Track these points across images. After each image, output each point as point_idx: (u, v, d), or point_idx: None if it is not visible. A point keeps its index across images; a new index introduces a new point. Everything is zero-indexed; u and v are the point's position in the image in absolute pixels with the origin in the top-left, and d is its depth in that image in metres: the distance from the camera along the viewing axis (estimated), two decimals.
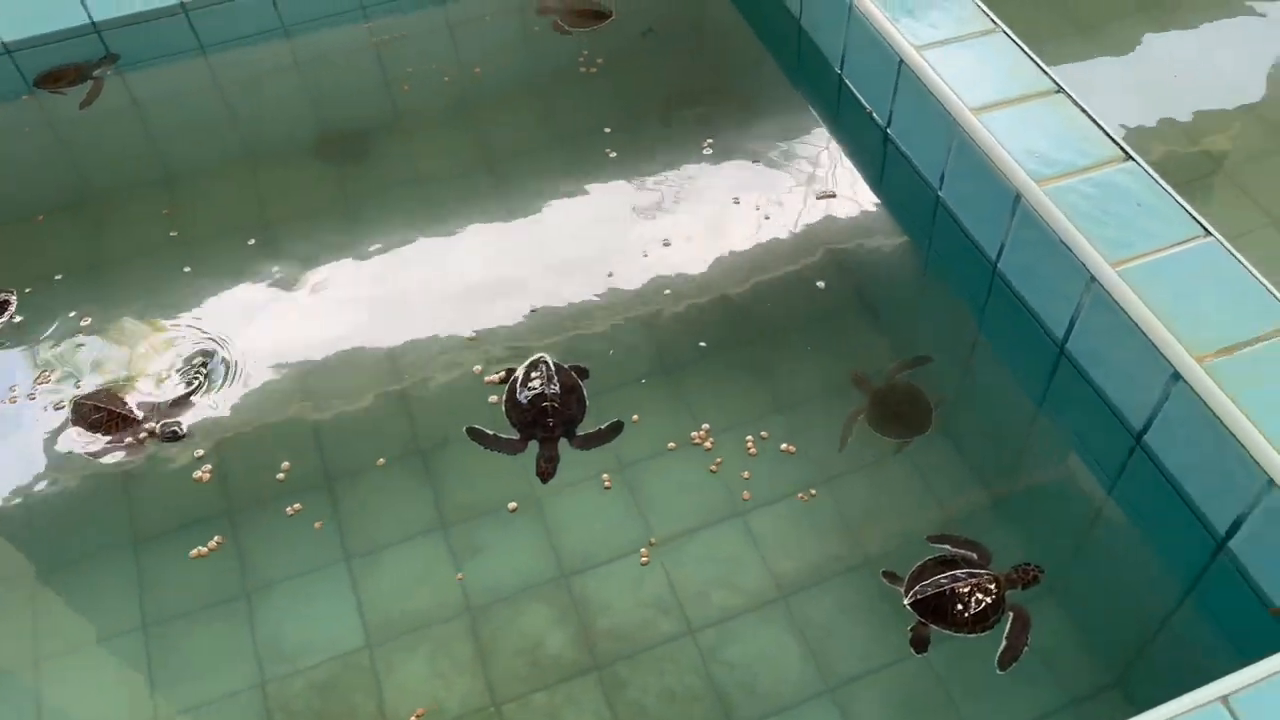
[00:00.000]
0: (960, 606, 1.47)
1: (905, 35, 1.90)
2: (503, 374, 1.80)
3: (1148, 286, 1.51)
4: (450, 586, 1.57)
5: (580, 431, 1.70)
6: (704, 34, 2.57)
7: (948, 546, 1.56)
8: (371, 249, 2.07)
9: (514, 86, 2.43)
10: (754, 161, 2.16)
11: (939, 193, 1.97)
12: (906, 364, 1.79)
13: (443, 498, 1.68)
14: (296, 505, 1.66)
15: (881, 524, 1.62)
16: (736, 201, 2.08)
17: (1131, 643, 1.48)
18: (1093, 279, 1.55)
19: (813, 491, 1.64)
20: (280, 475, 1.69)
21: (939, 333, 1.90)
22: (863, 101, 2.16)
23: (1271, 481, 1.32)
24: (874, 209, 2.08)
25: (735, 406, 1.75)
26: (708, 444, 1.69)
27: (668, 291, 1.95)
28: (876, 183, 2.12)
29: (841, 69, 2.21)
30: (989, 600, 1.48)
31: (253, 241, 2.07)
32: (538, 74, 2.46)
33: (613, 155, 2.17)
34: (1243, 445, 1.35)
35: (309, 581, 1.59)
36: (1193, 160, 2.25)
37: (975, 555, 1.54)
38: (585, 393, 1.75)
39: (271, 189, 2.22)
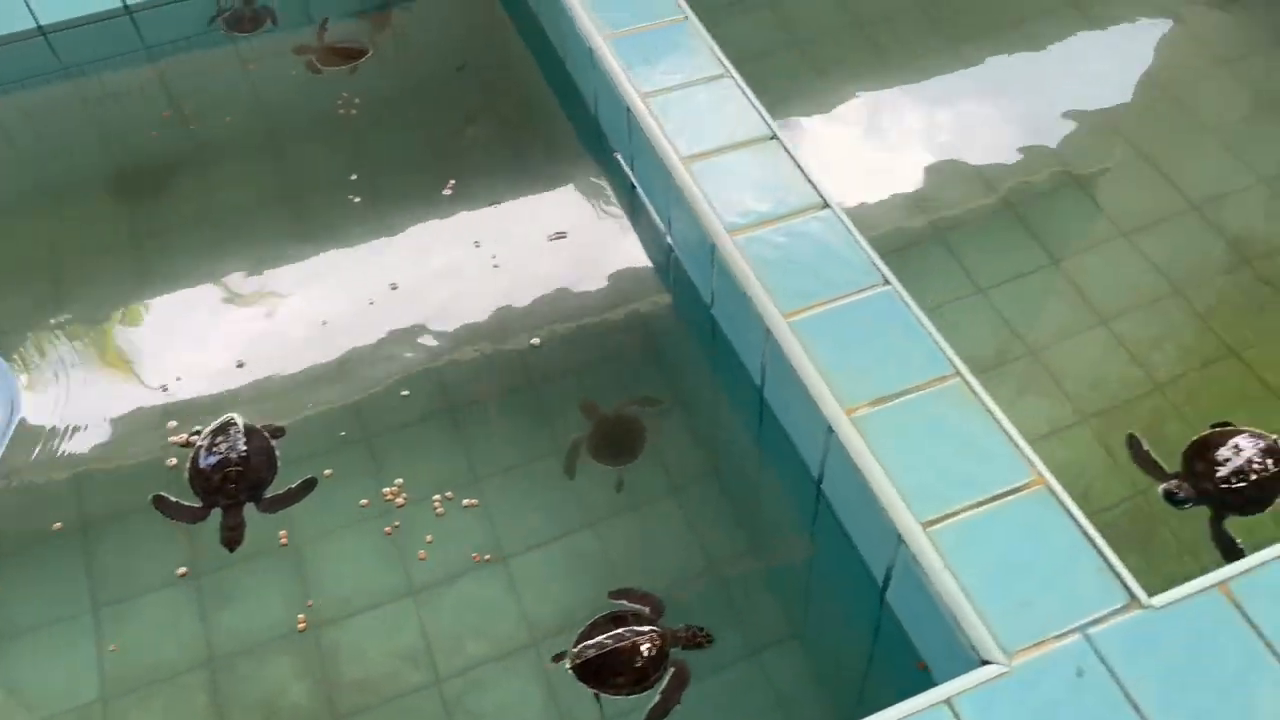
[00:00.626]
0: (620, 666, 1.48)
1: (634, 82, 1.95)
2: (185, 438, 1.81)
3: (815, 337, 1.54)
4: (192, 638, 1.56)
5: (269, 494, 1.71)
6: (480, 69, 2.60)
7: (624, 601, 1.57)
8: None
9: (262, 132, 2.45)
10: (496, 204, 2.20)
11: (668, 238, 2.04)
12: (637, 401, 1.84)
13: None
14: None
15: (573, 580, 1.65)
16: (477, 245, 2.12)
17: (790, 695, 1.51)
18: (768, 330, 1.57)
19: (487, 557, 1.66)
20: None
21: (664, 375, 1.95)
22: (612, 145, 2.22)
23: (900, 537, 1.34)
24: (609, 253, 2.12)
25: (433, 461, 1.78)
26: (400, 499, 1.71)
27: (383, 339, 1.98)
28: (615, 227, 2.17)
29: (596, 111, 2.27)
30: (650, 657, 1.50)
31: None
32: (292, 117, 2.48)
33: (356, 200, 2.20)
34: (879, 499, 1.37)
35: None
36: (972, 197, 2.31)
37: (648, 609, 1.55)
38: (277, 453, 1.77)
39: None
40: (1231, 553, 1.69)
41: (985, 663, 1.21)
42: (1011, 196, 2.36)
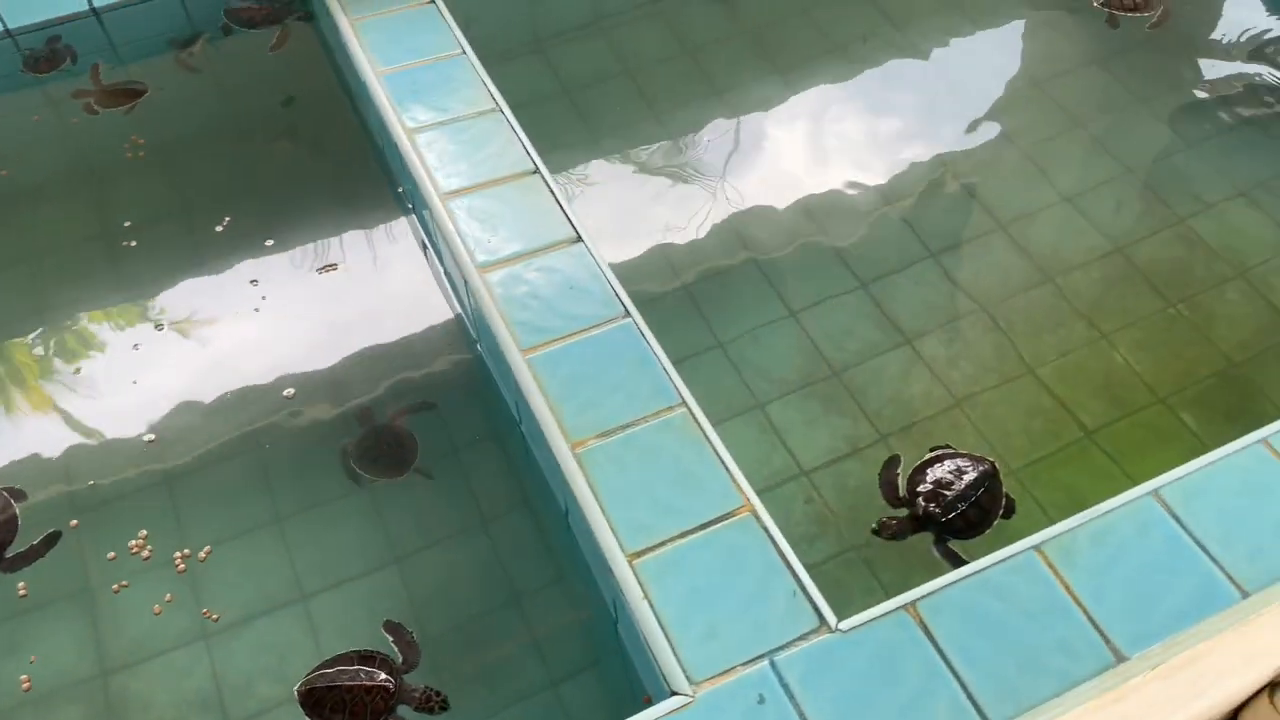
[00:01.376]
0: (343, 705, 1.49)
1: (402, 117, 2.00)
2: None
3: (550, 372, 1.58)
4: None
5: (10, 553, 1.72)
6: (279, 105, 2.60)
7: (391, 637, 1.58)
8: None
9: (35, 181, 2.42)
10: (270, 240, 2.23)
11: (442, 272, 2.09)
12: (413, 407, 1.88)
13: None
14: None
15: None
16: (253, 283, 2.15)
17: None
18: (509, 366, 1.59)
19: (215, 617, 1.68)
20: None
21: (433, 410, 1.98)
22: (396, 179, 2.27)
23: (610, 569, 1.36)
24: (382, 286, 2.15)
25: (179, 511, 1.79)
26: (145, 552, 1.71)
27: (142, 383, 2.00)
28: (391, 260, 2.20)
29: (381, 145, 2.31)
30: (375, 706, 1.53)
31: None
32: (71, 163, 2.47)
33: (131, 244, 2.22)
34: (594, 532, 1.39)
35: None
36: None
37: (402, 659, 1.55)
38: (16, 512, 1.77)
39: None
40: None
41: (675, 693, 1.23)
42: (823, 222, 2.43)
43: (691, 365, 2.19)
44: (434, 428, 1.95)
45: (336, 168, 2.42)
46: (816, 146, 2.61)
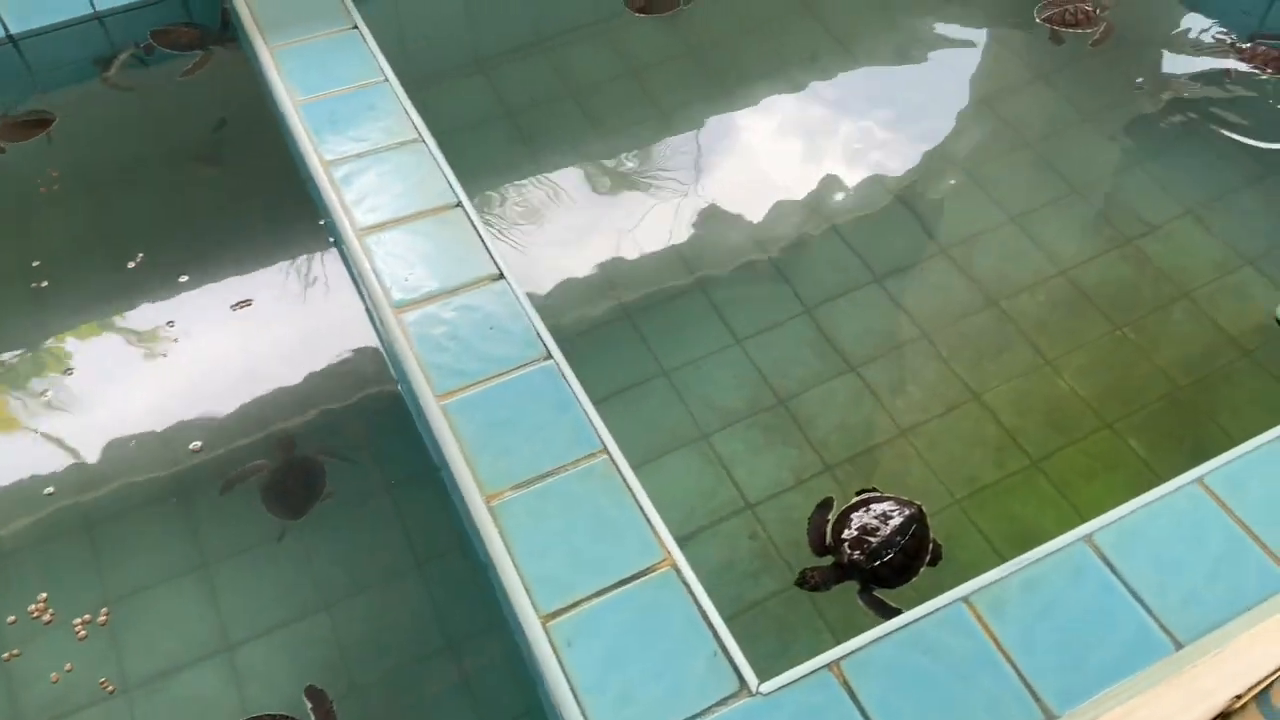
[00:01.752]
0: None
1: (320, 149, 1.94)
2: None
3: (466, 419, 1.53)
4: None
5: None
6: (207, 133, 2.50)
7: (310, 705, 1.51)
8: None
9: None
10: (184, 276, 2.14)
11: (367, 306, 2.01)
12: (330, 449, 1.82)
13: None
14: None
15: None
16: (171, 324, 2.06)
17: None
18: (423, 411, 1.53)
19: (127, 674, 1.61)
20: None
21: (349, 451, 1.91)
22: (319, 212, 2.19)
23: (523, 630, 1.30)
24: (302, 323, 2.07)
25: (85, 566, 1.70)
26: (46, 616, 1.62)
27: (39, 432, 1.91)
28: (313, 295, 2.13)
29: (304, 177, 2.23)
30: None
31: None
32: None
33: (43, 285, 2.13)
34: (508, 591, 1.33)
35: None
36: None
37: None
38: None
39: None
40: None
41: None
42: (768, 247, 2.39)
43: (636, 395, 2.14)
44: (364, 466, 1.88)
45: (260, 198, 2.34)
46: (761, 168, 2.57)
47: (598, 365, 2.25)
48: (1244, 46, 2.65)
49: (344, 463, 1.83)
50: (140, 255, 2.17)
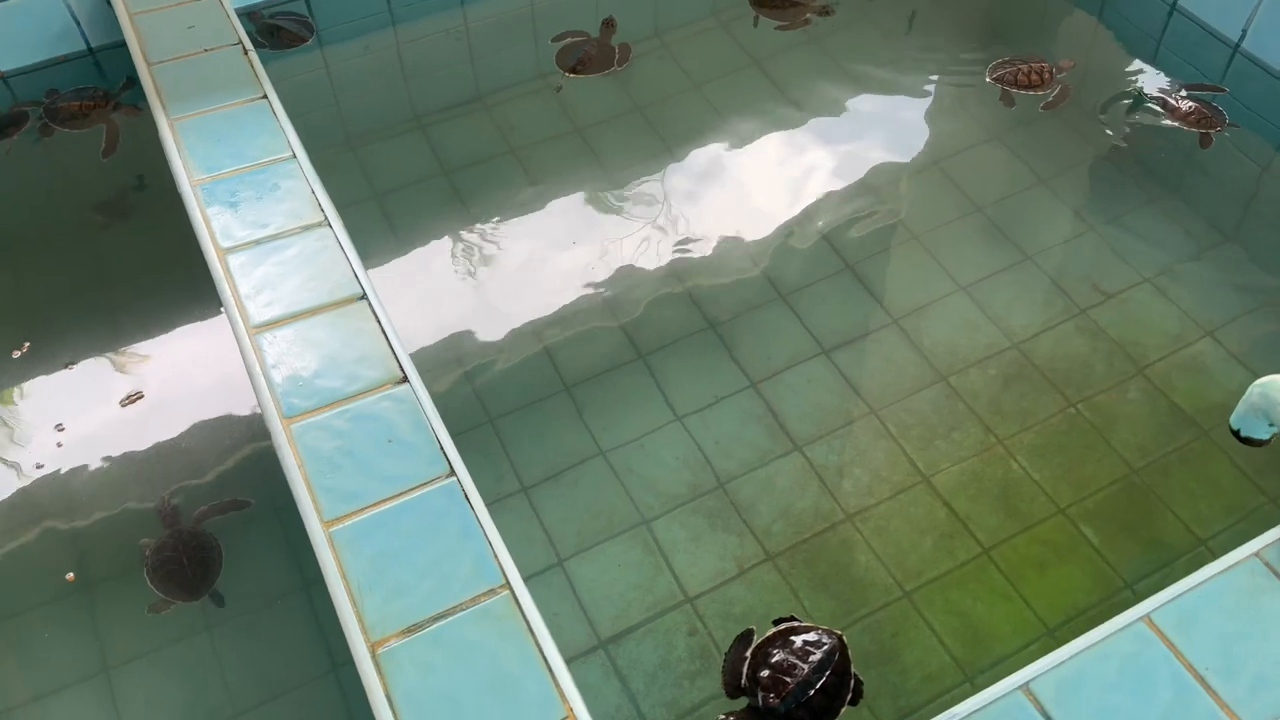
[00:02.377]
0: None
1: (216, 235, 1.80)
2: None
3: (354, 550, 1.40)
4: None
5: None
6: (107, 208, 2.40)
7: None
8: None
9: None
10: (73, 368, 2.03)
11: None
12: (221, 506, 1.71)
13: None
14: None
15: None
16: (59, 428, 1.94)
17: None
18: (311, 540, 1.41)
19: None
20: None
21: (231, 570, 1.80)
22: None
23: None
24: (195, 420, 1.97)
25: None
26: None
27: None
28: (213, 389, 2.02)
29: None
30: None
31: None
32: None
33: None
34: None
35: None
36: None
37: None
38: None
39: None
40: None
41: None
42: (713, 316, 2.28)
43: (572, 477, 2.03)
44: (273, 554, 1.76)
45: (158, 280, 2.21)
46: (704, 232, 2.45)
47: (532, 446, 2.13)
48: (1184, 106, 2.60)
49: (259, 550, 1.70)
50: (26, 344, 2.04)
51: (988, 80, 2.71)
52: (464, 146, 2.64)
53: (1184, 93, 2.59)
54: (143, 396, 1.90)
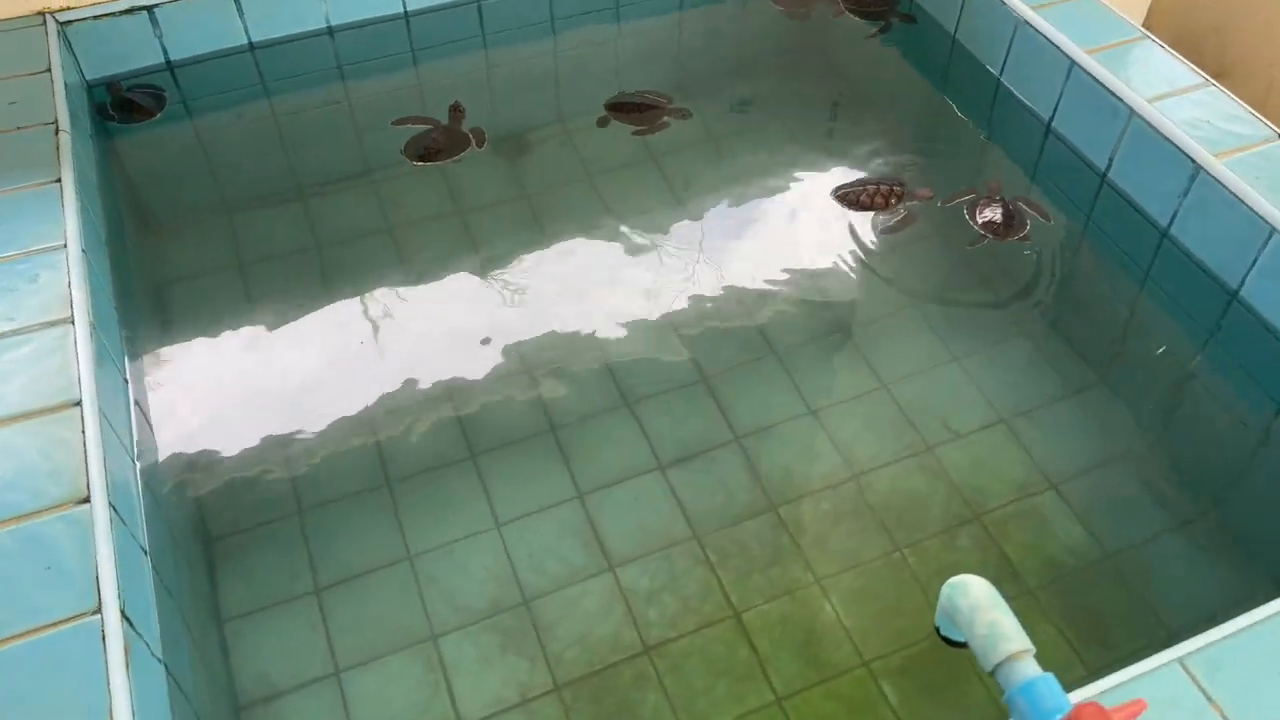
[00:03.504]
0: None
1: None
2: None
3: None
4: None
5: None
6: None
7: None
8: None
9: None
10: None
11: None
12: None
13: None
14: None
15: None
16: None
17: None
18: None
19: None
20: None
21: None
22: None
23: None
24: None
25: None
26: None
27: None
28: None
29: None
30: None
31: None
32: None
33: None
34: None
35: None
36: None
37: None
38: None
39: None
40: None
41: None
42: (553, 418, 2.23)
43: (372, 582, 1.96)
44: None
45: None
46: (544, 334, 2.40)
47: (338, 544, 2.07)
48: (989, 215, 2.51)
49: None
50: None
51: (831, 197, 2.65)
52: (318, 224, 2.62)
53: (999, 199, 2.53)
54: None
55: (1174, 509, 2.08)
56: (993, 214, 2.53)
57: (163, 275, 2.53)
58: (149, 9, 2.73)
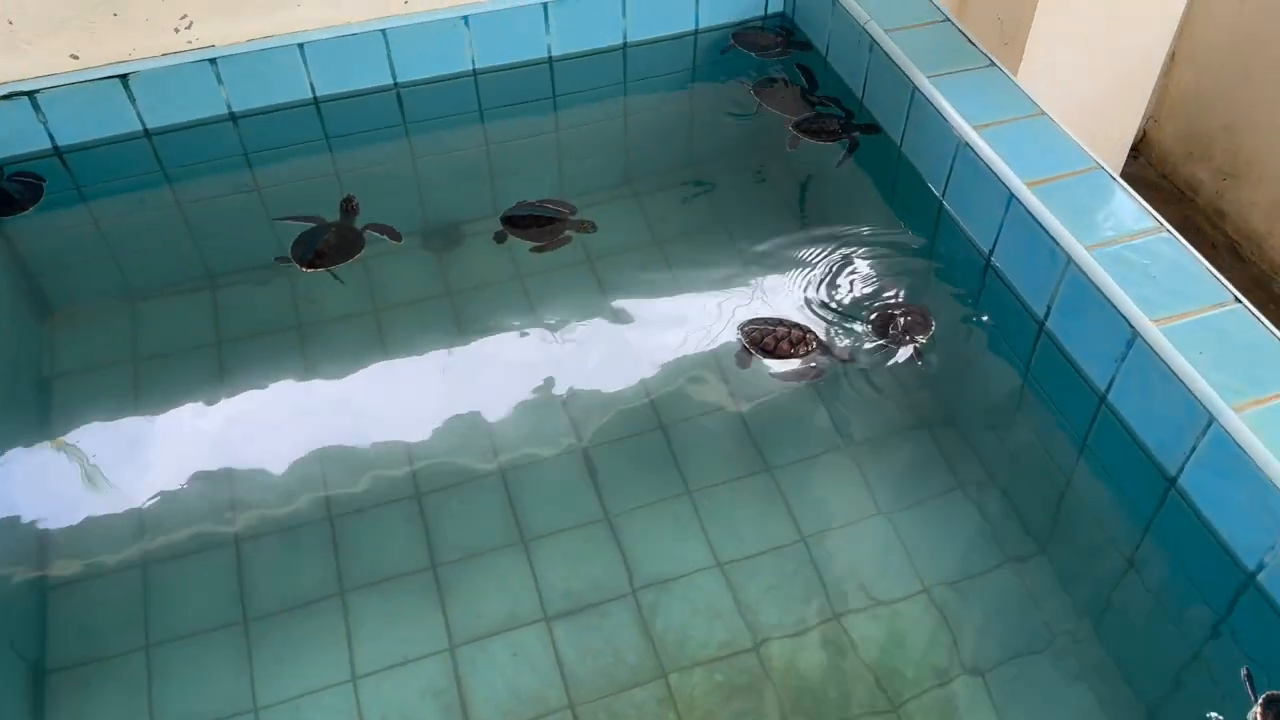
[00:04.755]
0: None
1: None
2: None
3: None
4: None
5: None
6: None
7: None
8: None
9: None
10: None
11: None
12: None
13: None
14: None
15: None
16: None
17: None
18: None
19: None
20: None
21: None
22: None
23: None
24: None
25: None
26: None
27: None
28: None
29: None
30: None
31: None
32: None
33: None
34: None
35: None
36: None
37: None
38: None
39: None
40: None
41: None
42: (441, 554, 2.04)
43: None
44: None
45: None
46: (452, 455, 2.21)
47: (181, 689, 1.88)
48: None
49: None
50: None
51: (737, 333, 2.39)
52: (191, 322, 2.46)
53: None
54: None
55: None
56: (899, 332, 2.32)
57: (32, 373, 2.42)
58: (30, 94, 2.63)
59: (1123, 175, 4.19)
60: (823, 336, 2.34)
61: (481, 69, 3.04)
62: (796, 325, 2.37)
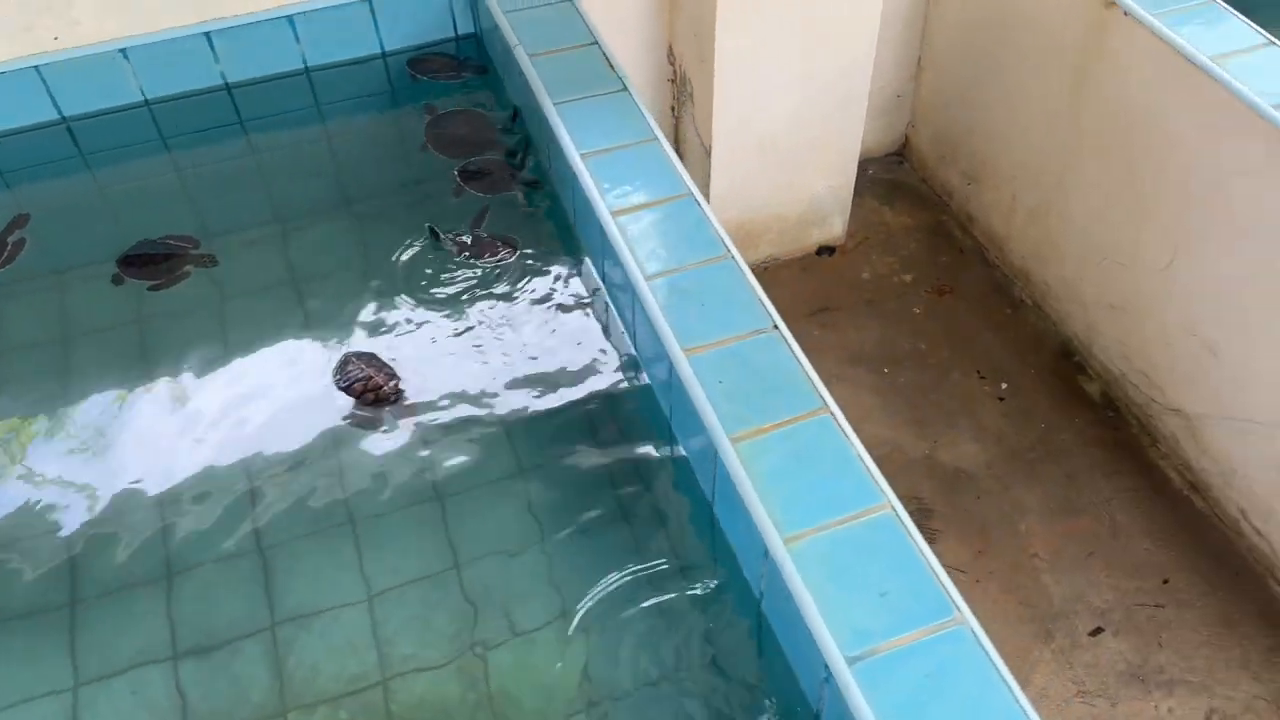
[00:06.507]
0: None
1: None
2: None
3: None
4: None
5: None
6: None
7: None
8: None
9: None
10: None
11: None
12: None
13: None
14: None
15: None
16: None
17: None
18: None
19: None
20: None
21: None
22: None
23: None
24: None
25: None
26: None
27: None
28: None
29: None
30: None
31: None
32: None
33: None
34: None
35: None
36: None
37: None
38: None
39: None
40: None
41: None
42: (81, 591, 1.95)
43: None
44: None
45: None
46: (97, 489, 2.14)
47: None
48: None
49: None
50: None
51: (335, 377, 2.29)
52: None
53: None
54: None
55: None
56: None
57: None
58: None
59: (887, 181, 4.25)
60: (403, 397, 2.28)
61: (154, 99, 2.89)
62: (389, 371, 2.28)
